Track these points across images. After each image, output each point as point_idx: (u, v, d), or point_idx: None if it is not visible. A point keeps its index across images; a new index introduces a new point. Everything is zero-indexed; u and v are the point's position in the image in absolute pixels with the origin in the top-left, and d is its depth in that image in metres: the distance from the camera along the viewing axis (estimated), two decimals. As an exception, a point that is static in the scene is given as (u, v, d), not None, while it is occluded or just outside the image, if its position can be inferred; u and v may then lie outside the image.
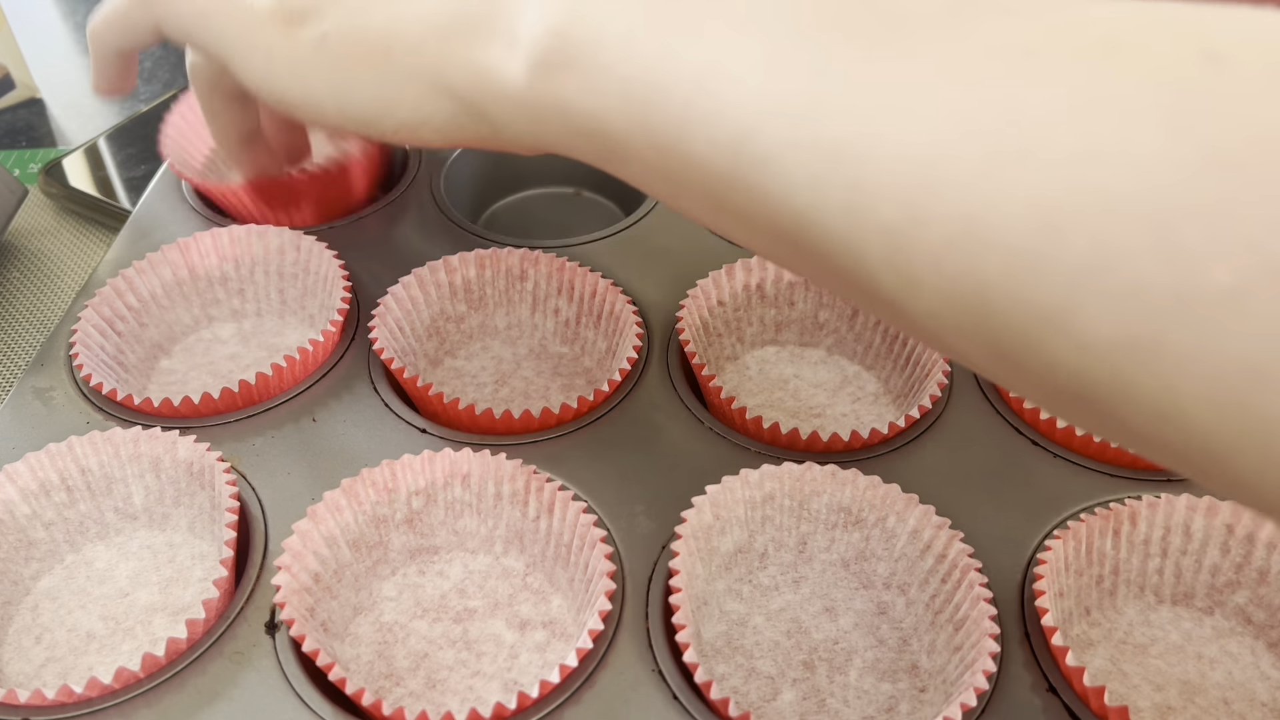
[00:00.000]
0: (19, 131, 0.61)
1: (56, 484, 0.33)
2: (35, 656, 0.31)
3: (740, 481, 0.32)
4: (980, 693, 0.27)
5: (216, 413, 0.36)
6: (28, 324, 0.47)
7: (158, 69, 0.66)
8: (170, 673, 0.29)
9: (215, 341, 0.41)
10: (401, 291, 0.38)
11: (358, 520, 0.31)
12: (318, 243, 0.40)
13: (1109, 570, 0.32)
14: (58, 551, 0.33)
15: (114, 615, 0.32)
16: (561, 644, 0.31)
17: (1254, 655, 0.31)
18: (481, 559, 0.33)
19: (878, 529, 0.32)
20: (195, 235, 0.40)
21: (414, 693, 0.30)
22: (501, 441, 0.35)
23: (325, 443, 0.35)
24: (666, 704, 0.28)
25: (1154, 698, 0.30)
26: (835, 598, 0.32)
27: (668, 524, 0.33)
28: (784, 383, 0.40)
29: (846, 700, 0.30)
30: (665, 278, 0.41)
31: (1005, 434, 0.36)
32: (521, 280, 0.40)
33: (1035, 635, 0.30)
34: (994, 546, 0.32)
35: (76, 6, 0.74)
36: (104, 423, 0.35)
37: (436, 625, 0.31)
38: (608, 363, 0.39)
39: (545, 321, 0.41)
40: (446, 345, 0.40)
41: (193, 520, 0.33)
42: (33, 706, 0.28)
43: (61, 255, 0.51)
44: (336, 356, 0.38)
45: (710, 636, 0.31)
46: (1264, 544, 0.31)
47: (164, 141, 0.44)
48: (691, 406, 0.36)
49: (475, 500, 0.33)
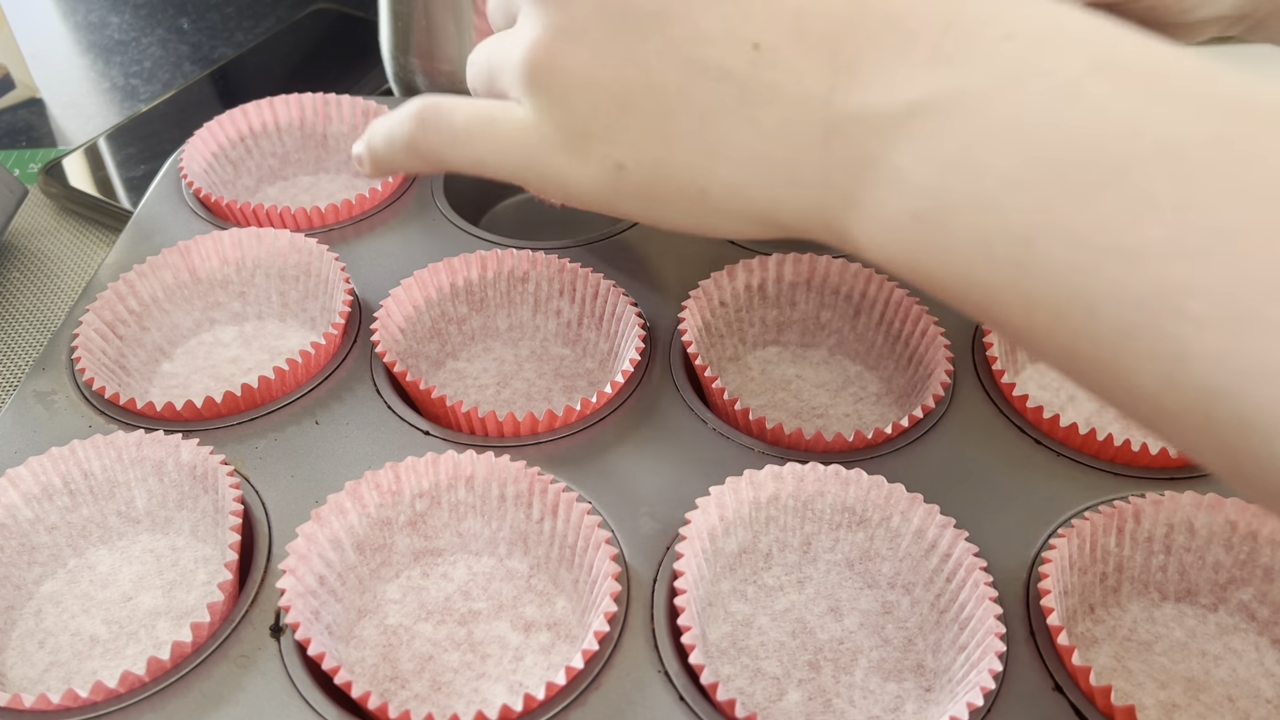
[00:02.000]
0: (19, 131, 0.61)
1: (59, 488, 0.33)
2: (39, 661, 0.31)
3: (744, 482, 0.32)
4: (987, 692, 0.27)
5: (219, 416, 0.36)
6: (28, 324, 0.47)
7: (158, 69, 0.66)
8: (175, 677, 0.29)
9: (217, 345, 0.41)
10: (403, 294, 0.38)
11: (362, 522, 0.31)
12: (319, 245, 0.40)
13: (1113, 568, 0.32)
14: (60, 556, 0.33)
15: (117, 619, 0.32)
16: (567, 646, 0.31)
17: (1258, 652, 0.31)
18: (485, 561, 0.33)
19: (882, 529, 0.32)
20: (196, 238, 0.40)
21: (419, 695, 0.30)
22: (505, 443, 0.35)
23: (328, 445, 0.35)
24: (673, 705, 0.28)
25: (1158, 695, 0.30)
26: (840, 598, 0.32)
27: (672, 525, 0.33)
28: (786, 383, 0.40)
29: (852, 700, 0.30)
30: (667, 279, 0.41)
31: (1008, 433, 0.36)
32: (523, 282, 0.40)
33: (1040, 634, 0.30)
34: (998, 545, 0.32)
35: (76, 6, 0.74)
36: (106, 426, 0.35)
37: (441, 628, 0.31)
38: (609, 364, 0.39)
39: (547, 323, 0.41)
40: (448, 347, 0.40)
41: (196, 524, 0.33)
42: (37, 712, 0.28)
43: (61, 255, 0.51)
44: (339, 359, 0.38)
45: (715, 637, 0.31)
46: (1267, 541, 0.31)
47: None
48: (694, 407, 0.36)
49: (479, 502, 0.33)
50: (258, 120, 0.48)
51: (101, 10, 0.73)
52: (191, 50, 0.68)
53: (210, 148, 0.47)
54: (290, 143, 0.49)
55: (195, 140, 0.46)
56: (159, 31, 0.70)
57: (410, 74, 0.52)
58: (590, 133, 0.25)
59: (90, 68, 0.67)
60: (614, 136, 0.24)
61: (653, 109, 0.24)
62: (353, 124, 0.48)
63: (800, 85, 0.22)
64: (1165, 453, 0.34)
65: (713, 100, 0.23)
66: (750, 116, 0.22)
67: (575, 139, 0.25)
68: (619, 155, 0.25)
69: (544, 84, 0.25)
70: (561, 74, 0.25)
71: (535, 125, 0.26)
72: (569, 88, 0.25)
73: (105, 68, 0.67)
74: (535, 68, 0.25)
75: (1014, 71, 0.20)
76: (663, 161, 0.24)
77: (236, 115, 0.47)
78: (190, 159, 0.45)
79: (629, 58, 0.24)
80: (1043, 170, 0.19)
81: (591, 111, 0.25)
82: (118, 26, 0.71)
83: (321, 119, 0.49)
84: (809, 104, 0.22)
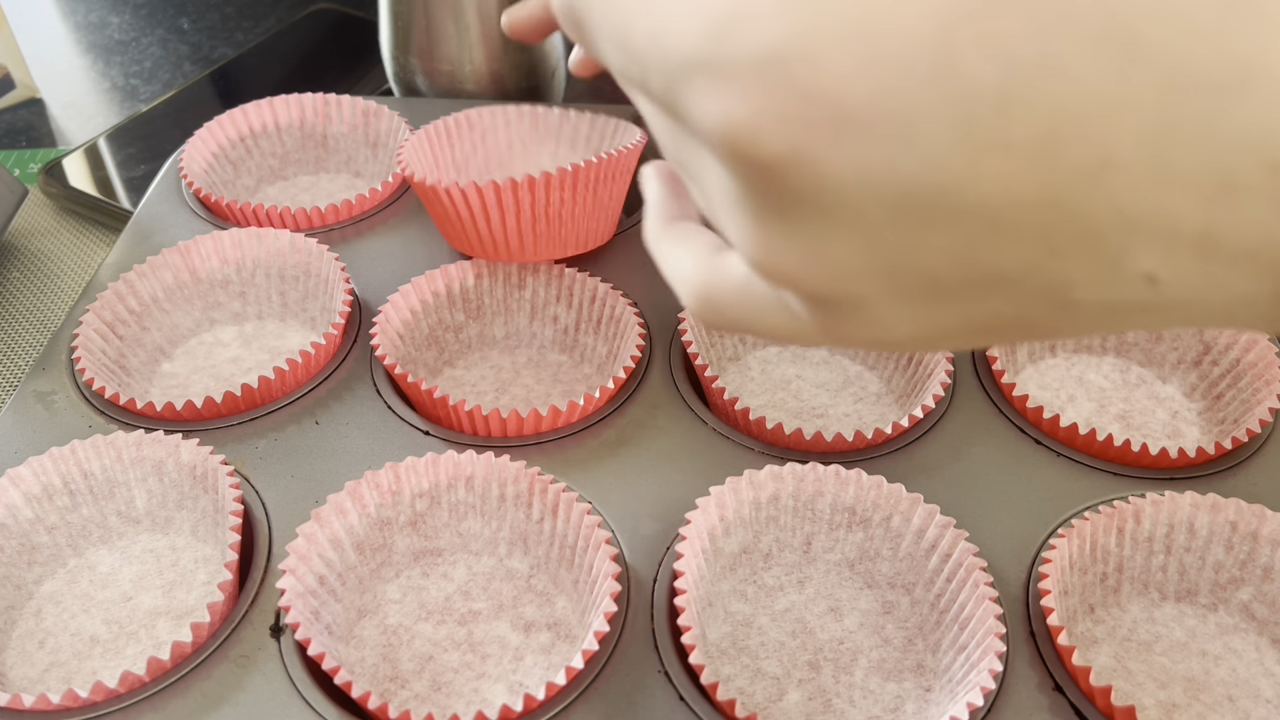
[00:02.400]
0: (19, 131, 0.61)
1: (59, 488, 0.33)
2: (39, 661, 0.31)
3: (744, 482, 0.32)
4: (987, 692, 0.27)
5: (219, 416, 0.36)
6: (28, 324, 0.47)
7: (158, 69, 0.66)
8: (175, 676, 0.29)
9: (217, 345, 0.41)
10: (400, 300, 0.38)
11: (362, 522, 0.31)
12: (319, 245, 0.40)
13: (1113, 568, 0.32)
14: (60, 556, 0.33)
15: (117, 619, 0.32)
16: (567, 646, 0.31)
17: (1258, 652, 0.31)
18: (485, 561, 0.33)
19: (882, 529, 0.32)
20: (196, 238, 0.40)
21: (419, 695, 0.30)
22: (505, 443, 0.35)
23: (328, 445, 0.35)
24: (673, 705, 0.28)
25: (1158, 695, 0.30)
26: (840, 598, 0.32)
27: (672, 525, 0.33)
28: (786, 383, 0.40)
29: (852, 700, 0.30)
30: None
31: (1008, 433, 0.36)
32: (520, 289, 0.40)
33: (1040, 634, 0.30)
34: (998, 545, 0.32)
35: (76, 6, 0.74)
36: (106, 426, 0.35)
37: (441, 628, 0.31)
38: (608, 368, 0.39)
39: (544, 330, 0.41)
40: (445, 355, 0.40)
41: (196, 524, 0.33)
42: (37, 711, 0.28)
43: (61, 255, 0.51)
44: (339, 359, 0.38)
45: (715, 637, 0.31)
46: (1267, 541, 0.31)
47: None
48: (694, 407, 0.36)
49: (479, 502, 0.33)
50: (258, 120, 0.48)
51: (101, 10, 0.73)
52: (191, 50, 0.68)
53: (210, 148, 0.47)
54: (290, 143, 0.49)
55: (195, 140, 0.46)
56: (159, 31, 0.70)
57: (410, 74, 0.52)
58: (837, 304, 0.18)
59: (90, 68, 0.67)
60: (865, 297, 0.18)
61: (1012, 322, 0.18)
62: (352, 124, 0.48)
63: (1225, 290, 0.16)
64: (1165, 453, 0.34)
65: (1100, 324, 0.18)
66: (1162, 321, 0.17)
67: (831, 327, 0.19)
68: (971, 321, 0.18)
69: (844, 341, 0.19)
70: (869, 341, 0.19)
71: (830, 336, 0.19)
72: (880, 343, 0.19)
73: (105, 68, 0.67)
74: (833, 340, 0.19)
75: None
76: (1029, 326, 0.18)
77: (236, 115, 0.47)
78: (190, 159, 0.45)
79: (969, 314, 0.18)
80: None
81: (911, 343, 0.19)
82: (118, 26, 0.71)
83: (321, 119, 0.49)
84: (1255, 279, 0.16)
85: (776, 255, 0.17)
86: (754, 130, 0.15)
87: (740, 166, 0.16)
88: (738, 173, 0.16)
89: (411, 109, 0.49)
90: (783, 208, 0.16)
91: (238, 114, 0.47)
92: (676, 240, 0.23)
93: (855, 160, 0.14)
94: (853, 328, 0.18)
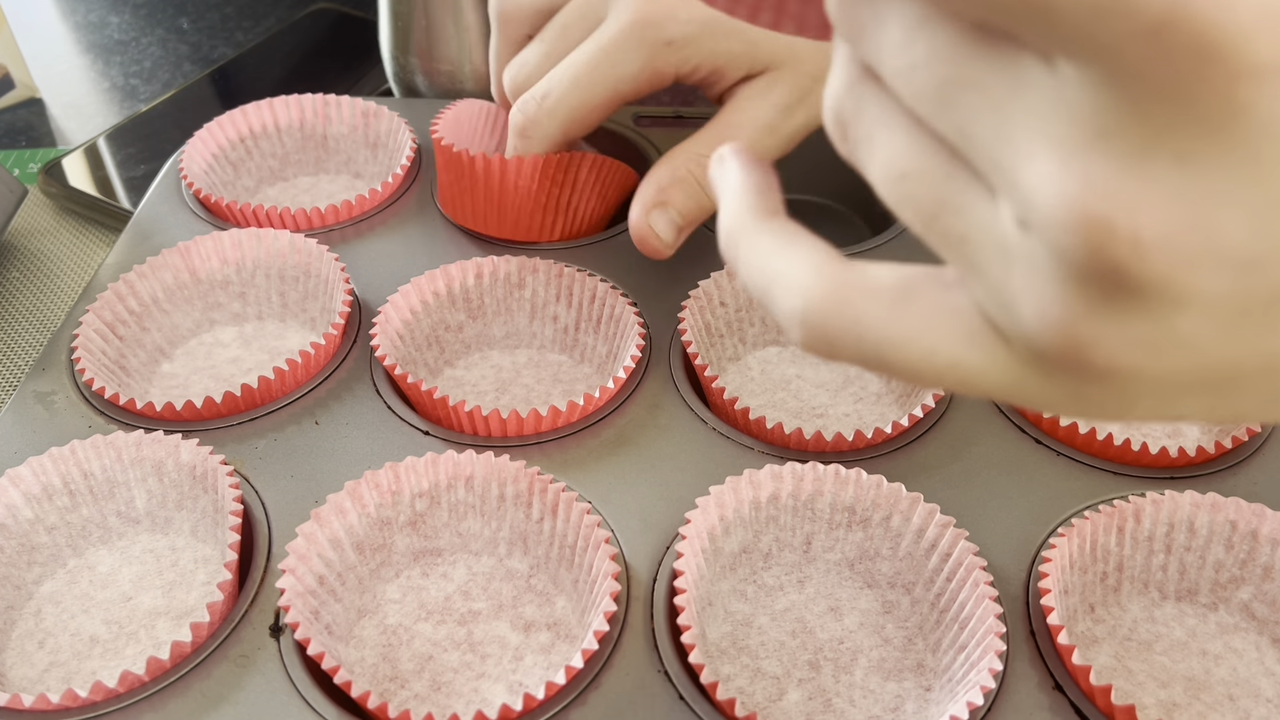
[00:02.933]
0: (19, 131, 0.61)
1: (59, 488, 0.33)
2: (39, 661, 0.31)
3: (744, 482, 0.32)
4: (987, 691, 0.27)
5: (219, 416, 0.36)
6: (27, 324, 0.47)
7: (158, 69, 0.66)
8: (175, 676, 0.29)
9: (217, 345, 0.41)
10: (400, 300, 0.38)
11: (361, 522, 0.31)
12: (319, 245, 0.40)
13: (1113, 567, 0.32)
14: (60, 556, 0.33)
15: (117, 619, 0.32)
16: (566, 646, 0.31)
17: (1258, 651, 0.31)
18: (485, 561, 0.33)
19: (882, 528, 0.32)
20: (196, 239, 0.40)
21: (419, 695, 0.30)
22: (505, 443, 0.35)
23: (328, 445, 0.35)
24: (672, 705, 0.28)
25: (1159, 694, 0.30)
26: (840, 597, 0.32)
27: (671, 525, 0.33)
28: (786, 383, 0.40)
29: (852, 700, 0.30)
30: (667, 279, 0.41)
31: (1008, 433, 0.36)
32: (519, 288, 0.40)
33: (1040, 633, 0.30)
34: (998, 545, 0.32)
35: (76, 6, 0.74)
36: (106, 426, 0.35)
37: (441, 628, 0.31)
38: (608, 367, 0.39)
39: (544, 329, 0.41)
40: (446, 355, 0.40)
41: (195, 524, 0.33)
42: (37, 711, 0.28)
43: (61, 255, 0.51)
44: (338, 359, 0.38)
45: (715, 637, 0.31)
46: (1268, 540, 0.31)
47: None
48: (694, 407, 0.36)
49: (479, 502, 0.33)
50: (257, 121, 0.48)
51: (101, 10, 0.73)
52: (191, 50, 0.68)
53: (210, 148, 0.47)
54: (290, 143, 0.49)
55: (195, 141, 0.46)
56: (159, 31, 0.70)
57: (410, 74, 0.52)
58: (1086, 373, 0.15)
59: (90, 68, 0.67)
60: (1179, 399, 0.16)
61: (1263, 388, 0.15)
62: (352, 125, 0.48)
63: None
64: (1165, 452, 0.34)
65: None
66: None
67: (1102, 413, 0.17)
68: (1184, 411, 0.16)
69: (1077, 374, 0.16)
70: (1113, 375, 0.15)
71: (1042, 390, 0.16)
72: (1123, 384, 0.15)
73: (105, 68, 0.67)
74: (1066, 410, 0.17)
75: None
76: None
77: (236, 116, 0.47)
78: (190, 160, 0.45)
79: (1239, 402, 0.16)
80: None
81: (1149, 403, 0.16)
82: (118, 26, 0.71)
83: (321, 120, 0.49)
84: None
85: (1097, 339, 0.14)
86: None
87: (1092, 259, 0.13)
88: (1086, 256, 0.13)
89: (411, 109, 0.49)
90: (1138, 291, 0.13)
91: (237, 115, 0.47)
92: (783, 242, 0.18)
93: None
94: (1119, 410, 0.16)
